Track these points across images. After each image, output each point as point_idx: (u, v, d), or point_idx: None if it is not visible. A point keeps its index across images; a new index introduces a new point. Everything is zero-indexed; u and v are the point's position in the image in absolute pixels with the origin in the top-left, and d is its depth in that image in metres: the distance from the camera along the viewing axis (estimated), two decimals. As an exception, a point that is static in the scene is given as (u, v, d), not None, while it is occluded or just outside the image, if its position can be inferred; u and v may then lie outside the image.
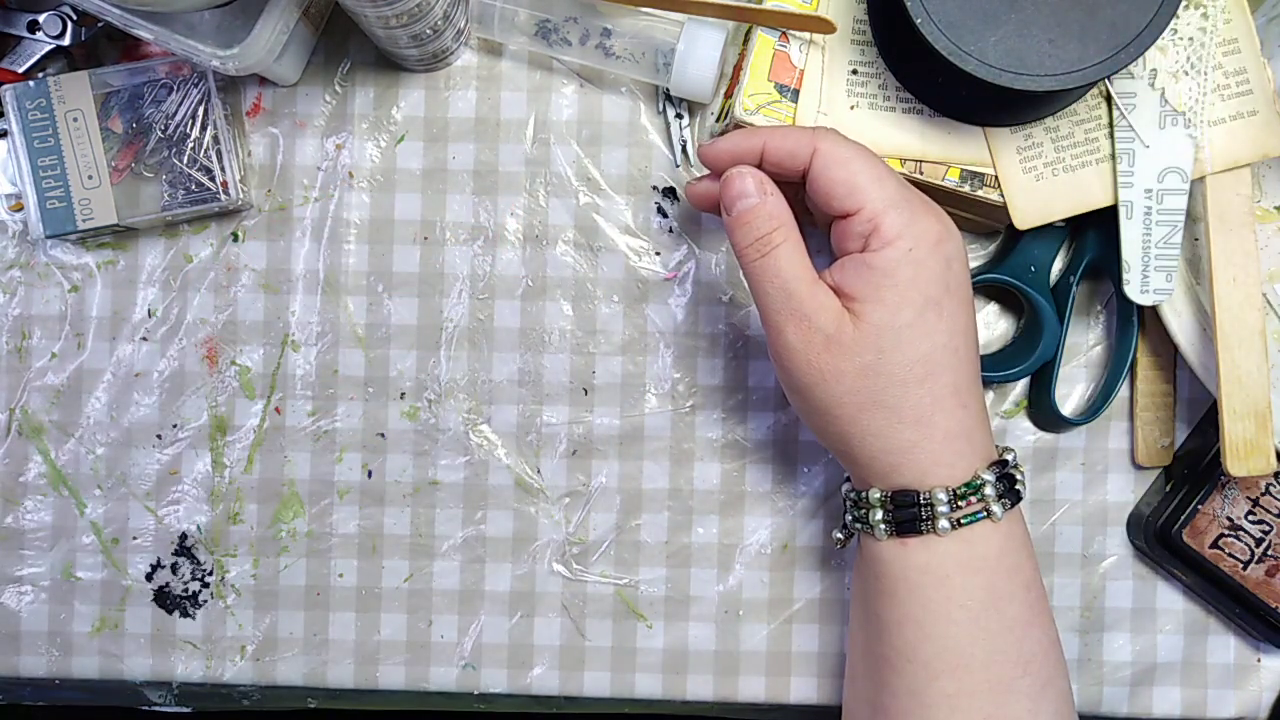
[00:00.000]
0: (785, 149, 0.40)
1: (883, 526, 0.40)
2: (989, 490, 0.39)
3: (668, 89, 0.48)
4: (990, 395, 0.51)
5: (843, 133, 0.40)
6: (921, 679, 0.39)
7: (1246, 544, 0.48)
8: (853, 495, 0.42)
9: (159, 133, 0.48)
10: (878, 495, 0.40)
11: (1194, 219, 0.47)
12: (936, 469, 0.39)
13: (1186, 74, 0.44)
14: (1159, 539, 0.49)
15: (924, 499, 0.39)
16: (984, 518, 0.39)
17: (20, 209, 0.50)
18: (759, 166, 0.41)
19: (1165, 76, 0.44)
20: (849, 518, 0.43)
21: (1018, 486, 0.40)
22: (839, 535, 0.45)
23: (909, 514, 0.39)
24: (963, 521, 0.39)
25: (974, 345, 0.40)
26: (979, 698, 0.39)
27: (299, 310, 0.51)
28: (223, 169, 0.48)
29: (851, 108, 0.44)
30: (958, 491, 0.39)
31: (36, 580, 0.51)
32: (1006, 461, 0.40)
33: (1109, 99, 0.44)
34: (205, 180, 0.48)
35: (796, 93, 0.44)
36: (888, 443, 0.39)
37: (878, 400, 0.39)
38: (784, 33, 0.44)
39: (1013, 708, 0.39)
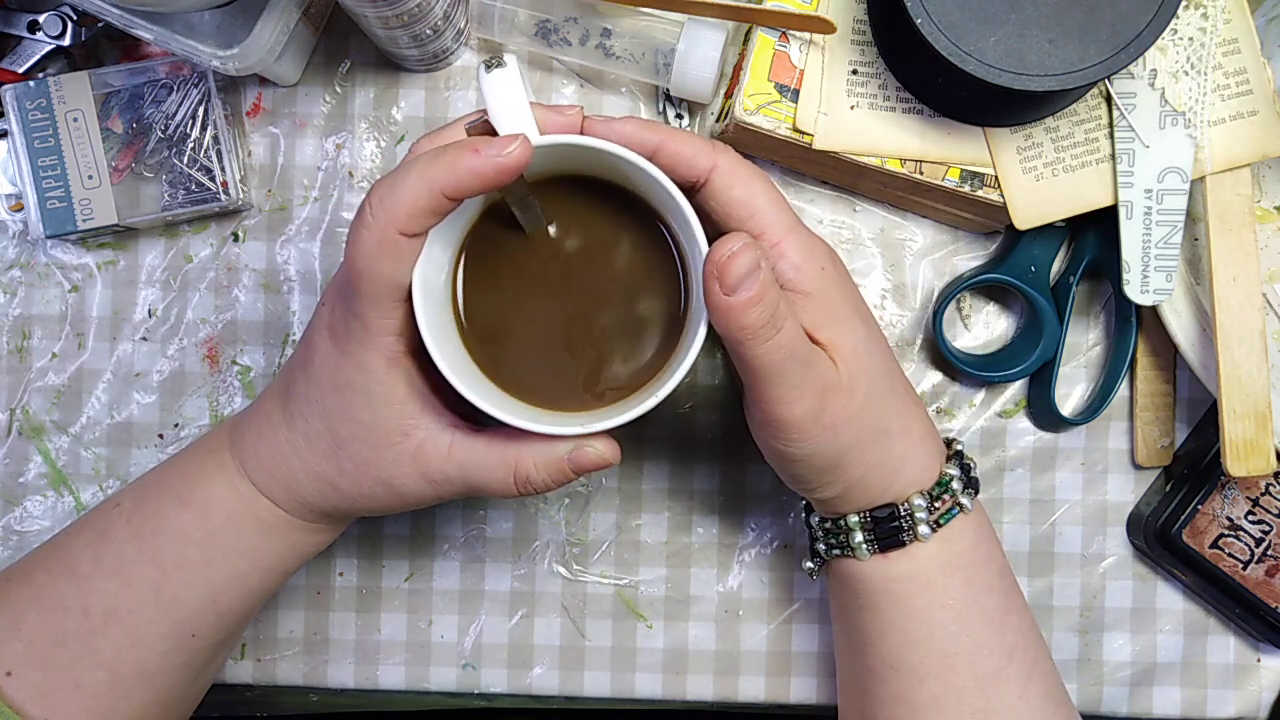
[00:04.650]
0: (685, 155, 0.36)
1: (864, 547, 0.39)
2: (955, 484, 0.39)
3: (668, 89, 0.48)
4: (990, 395, 0.51)
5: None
6: (909, 684, 0.39)
7: (1246, 544, 0.48)
8: (826, 525, 0.41)
9: (159, 133, 0.48)
10: (855, 519, 0.39)
11: (1194, 219, 0.47)
12: (917, 475, 0.39)
13: (1186, 74, 0.44)
14: (1159, 539, 0.49)
15: (904, 510, 0.39)
16: (958, 513, 0.39)
17: (20, 209, 0.50)
18: (651, 159, 0.36)
19: (1165, 76, 0.44)
20: (822, 547, 0.42)
21: (973, 473, 0.40)
22: (811, 565, 0.44)
23: (890, 528, 0.39)
24: (941, 522, 0.39)
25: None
26: (968, 694, 0.39)
27: (299, 310, 0.51)
28: (223, 169, 0.48)
29: (851, 108, 0.44)
30: (932, 493, 0.39)
31: (37, 580, 0.51)
32: (960, 451, 0.41)
33: (1109, 99, 0.44)
34: (205, 180, 0.48)
35: (796, 93, 0.44)
36: (884, 467, 0.39)
37: (875, 426, 0.38)
38: (784, 33, 0.44)
39: (1002, 698, 0.39)
